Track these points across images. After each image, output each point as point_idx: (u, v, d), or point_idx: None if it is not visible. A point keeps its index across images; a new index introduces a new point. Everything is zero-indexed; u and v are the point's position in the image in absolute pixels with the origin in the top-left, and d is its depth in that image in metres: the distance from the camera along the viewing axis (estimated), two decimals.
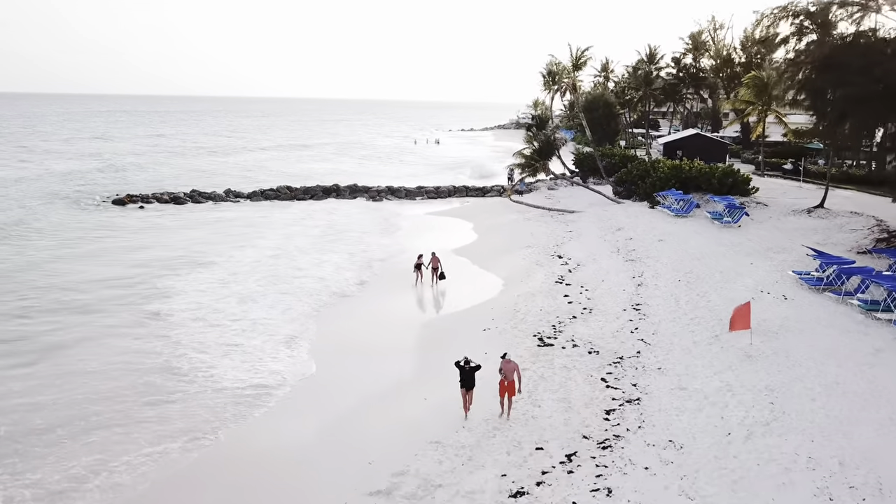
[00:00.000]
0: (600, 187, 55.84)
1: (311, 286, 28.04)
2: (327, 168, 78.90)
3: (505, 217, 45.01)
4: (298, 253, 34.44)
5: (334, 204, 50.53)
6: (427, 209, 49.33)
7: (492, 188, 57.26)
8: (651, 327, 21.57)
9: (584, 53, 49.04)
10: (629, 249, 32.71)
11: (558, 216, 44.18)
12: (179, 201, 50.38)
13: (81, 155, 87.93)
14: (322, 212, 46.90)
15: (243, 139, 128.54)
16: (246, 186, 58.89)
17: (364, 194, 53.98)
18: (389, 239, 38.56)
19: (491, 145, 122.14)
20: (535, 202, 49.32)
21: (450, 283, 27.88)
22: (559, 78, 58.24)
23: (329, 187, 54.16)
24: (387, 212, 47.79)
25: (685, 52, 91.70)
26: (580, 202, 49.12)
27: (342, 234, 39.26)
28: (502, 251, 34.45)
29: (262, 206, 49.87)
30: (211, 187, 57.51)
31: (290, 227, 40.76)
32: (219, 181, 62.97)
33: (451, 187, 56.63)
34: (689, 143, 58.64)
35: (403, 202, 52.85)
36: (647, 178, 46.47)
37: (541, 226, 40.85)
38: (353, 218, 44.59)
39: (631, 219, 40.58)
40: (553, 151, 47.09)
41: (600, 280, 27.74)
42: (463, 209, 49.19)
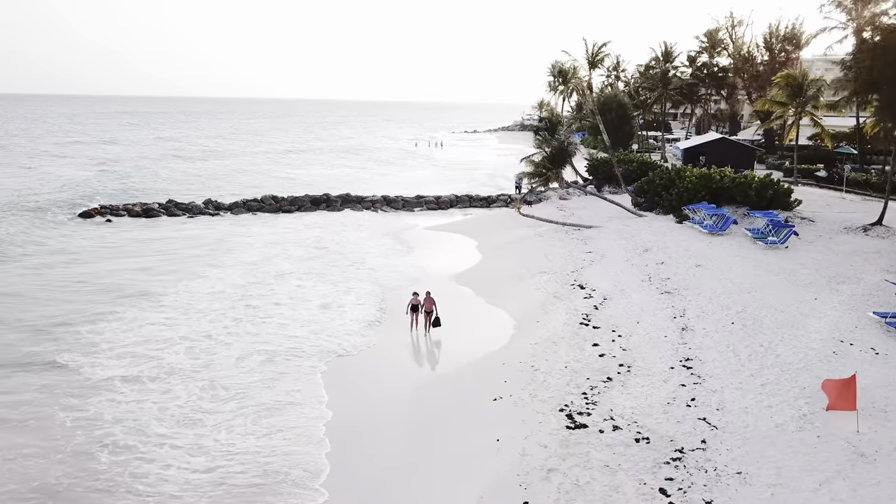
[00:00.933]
0: (617, 197, 50.85)
1: (286, 333, 22.95)
2: (324, 174, 74.00)
3: (513, 233, 40.02)
4: (274, 280, 29.42)
5: (324, 217, 45.49)
6: (426, 222, 44.35)
7: (498, 198, 52.27)
8: (712, 397, 16.58)
9: (601, 50, 44.14)
10: (662, 278, 27.70)
11: (574, 232, 39.18)
12: (152, 214, 45.48)
13: (76, 158, 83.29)
14: (309, 226, 41.84)
15: (241, 141, 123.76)
16: (233, 194, 54.23)
17: (357, 205, 49.01)
18: (388, 260, 33.57)
19: (495, 148, 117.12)
20: (546, 215, 44.30)
21: (450, 323, 22.87)
22: (570, 77, 53.25)
23: (319, 197, 49.19)
24: (380, 226, 42.82)
25: (700, 51, 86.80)
26: (597, 215, 44.13)
27: (329, 257, 34.22)
28: (512, 278, 29.44)
29: (243, 219, 44.89)
30: (197, 194, 53.00)
31: (268, 248, 35.67)
32: (205, 188, 58.25)
33: (452, 197, 51.67)
34: (713, 149, 53.65)
35: (401, 214, 47.87)
36: (673, 189, 41.51)
37: (555, 244, 35.85)
38: (341, 235, 39.50)
39: (658, 237, 35.60)
40: (567, 158, 42.18)
41: (634, 321, 22.75)
42: (466, 223, 44.21)
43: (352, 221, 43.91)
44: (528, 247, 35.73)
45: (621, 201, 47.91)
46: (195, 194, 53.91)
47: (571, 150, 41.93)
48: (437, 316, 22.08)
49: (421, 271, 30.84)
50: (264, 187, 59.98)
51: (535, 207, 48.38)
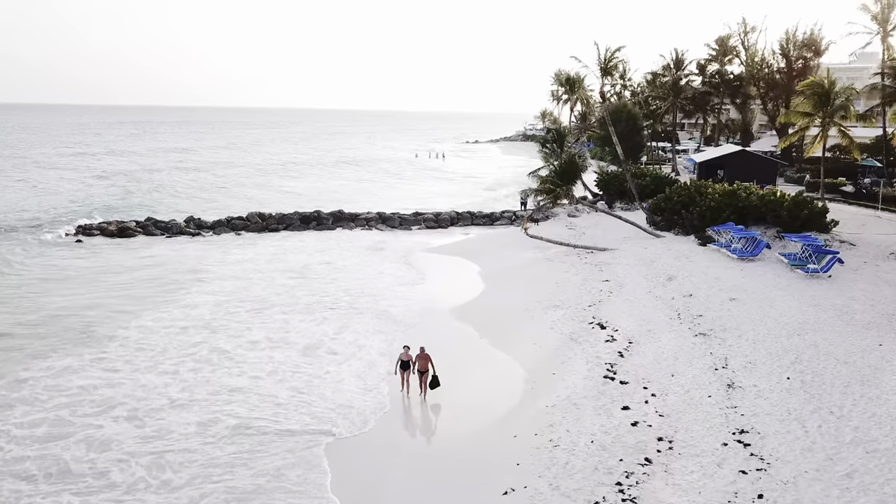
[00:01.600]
0: (630, 214, 47.29)
1: (260, 391, 19.27)
2: (319, 188, 70.55)
3: (520, 256, 36.40)
4: (250, 315, 25.78)
5: (313, 237, 41.89)
6: (424, 242, 40.78)
7: (501, 214, 48.68)
8: (785, 493, 12.87)
9: (615, 56, 40.67)
10: (694, 314, 24.04)
11: (587, 256, 35.55)
12: (127, 233, 41.94)
13: (72, 170, 79.92)
14: (296, 248, 38.19)
15: (240, 151, 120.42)
16: (221, 209, 50.84)
17: (350, 223, 45.43)
18: (381, 291, 29.89)
19: (498, 159, 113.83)
20: (555, 235, 40.67)
21: (450, 374, 19.22)
22: (579, 85, 49.78)
23: (309, 215, 45.61)
24: (374, 247, 39.21)
25: (711, 58, 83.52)
26: (610, 235, 40.54)
27: (316, 285, 30.59)
28: (520, 313, 25.79)
29: (225, 240, 41.30)
30: (184, 210, 49.68)
31: (248, 274, 32.04)
32: (195, 203, 54.85)
33: (453, 214, 48.08)
34: (732, 162, 50.11)
35: (397, 233, 44.29)
36: (694, 207, 37.94)
37: (567, 270, 32.21)
38: (331, 258, 35.80)
39: (681, 262, 31.96)
40: (577, 173, 38.68)
41: (668, 373, 19.09)
42: (467, 244, 40.61)
43: (343, 242, 40.28)
44: (537, 273, 32.08)
45: (635, 219, 44.35)
46: (183, 210, 50.60)
47: (582, 165, 38.43)
48: (435, 375, 18.35)
49: (413, 305, 27.20)
50: (255, 201, 56.59)
51: (543, 226, 44.80)
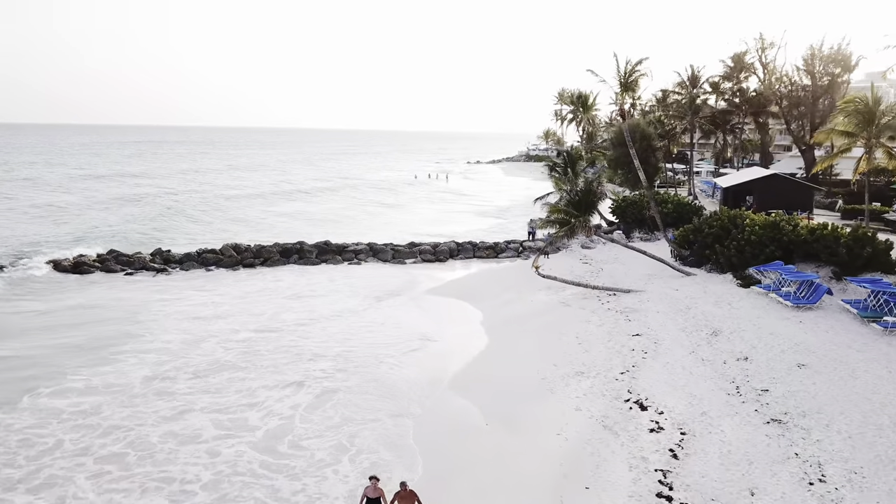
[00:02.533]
0: (650, 245, 42.27)
1: None
2: (310, 213, 65.62)
3: (530, 299, 31.26)
4: (190, 389, 20.54)
5: (293, 274, 36.76)
6: (419, 280, 35.65)
7: (507, 246, 43.59)
8: None
9: (636, 69, 35.86)
10: (756, 388, 18.88)
11: (609, 298, 30.41)
12: (83, 269, 36.94)
13: (62, 194, 75.17)
14: (269, 290, 32.91)
15: (235, 172, 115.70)
16: (196, 241, 45.94)
17: (337, 257, 40.32)
18: (362, 349, 24.67)
19: (501, 182, 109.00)
20: (569, 272, 35.59)
21: (441, 488, 14.05)
22: (592, 103, 45.02)
23: (291, 247, 40.53)
24: (360, 287, 34.11)
25: (725, 76, 79.11)
26: (632, 272, 35.49)
27: (283, 341, 25.42)
28: (535, 383, 20.58)
29: (192, 276, 36.18)
30: (155, 242, 44.95)
31: (204, 324, 26.83)
32: (173, 233, 49.89)
33: (452, 245, 43.02)
34: (763, 187, 45.12)
35: (389, 268, 39.20)
36: (730, 241, 32.91)
37: (588, 319, 27.04)
38: (308, 303, 30.56)
39: (723, 309, 26.84)
40: (595, 202, 33.72)
41: (746, 489, 13.88)
42: (469, 282, 35.55)
43: (326, 281, 35.13)
44: (553, 323, 26.89)
45: (657, 251, 39.32)
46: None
47: (600, 193, 33.43)
48: None
49: (400, 375, 21.92)
50: (244, 224, 51.82)
51: (554, 258, 39.71)
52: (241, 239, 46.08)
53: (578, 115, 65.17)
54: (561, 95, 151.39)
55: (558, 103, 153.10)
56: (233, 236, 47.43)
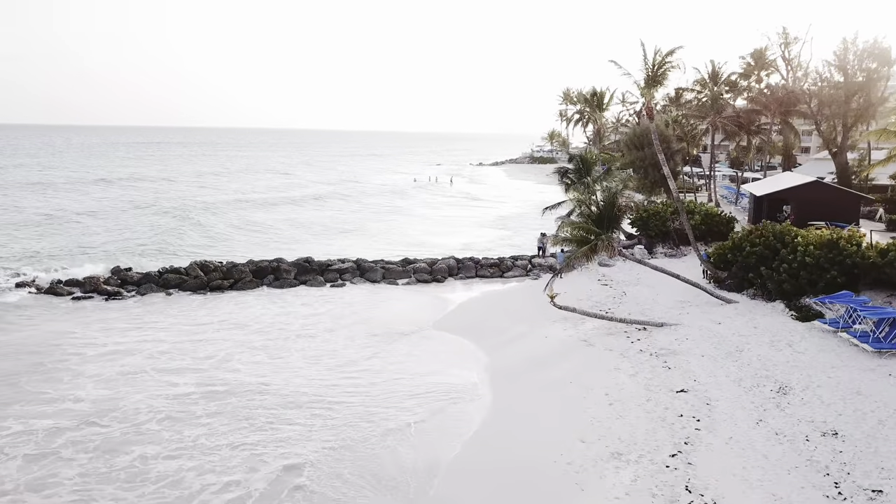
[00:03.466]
0: (676, 263, 37.32)
1: None
2: (299, 221, 60.53)
3: (542, 333, 26.10)
4: (91, 462, 15.49)
5: (263, 301, 31.53)
6: (411, 309, 30.50)
7: (514, 263, 38.42)
8: None
9: (667, 60, 30.69)
10: (861, 486, 13.75)
11: (638, 333, 25.28)
12: (57, 291, 32.12)
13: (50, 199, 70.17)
14: (226, 326, 27.04)
15: (227, 176, 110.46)
16: (166, 254, 41.15)
17: (318, 277, 35.17)
18: (336, 408, 19.53)
19: (504, 185, 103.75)
20: (588, 297, 30.48)
21: None
22: (608, 101, 39.82)
23: (266, 266, 35.37)
24: (340, 317, 28.96)
25: (744, 73, 73.87)
26: (661, 296, 30.40)
27: (236, 399, 20.30)
28: (559, 469, 15.37)
29: (145, 303, 30.93)
30: (167, 250, 40.34)
31: (106, 390, 21.58)
32: (143, 245, 44.79)
33: (451, 262, 37.88)
34: (803, 195, 39.88)
35: (378, 290, 34.06)
36: (779, 263, 27.80)
37: (618, 366, 21.84)
38: (274, 342, 25.21)
39: (783, 352, 21.73)
40: (619, 218, 28.58)
41: None
42: (470, 310, 30.41)
43: (301, 308, 29.87)
44: (574, 372, 21.71)
45: (686, 270, 34.29)
46: (158, 254, 41.36)
47: (624, 206, 28.23)
48: None
49: (382, 462, 16.81)
50: (238, 242, 46.71)
51: (569, 279, 34.54)
52: (245, 252, 41.24)
53: (587, 114, 60.39)
54: (566, 95, 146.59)
55: (563, 103, 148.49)
56: (230, 250, 42.35)
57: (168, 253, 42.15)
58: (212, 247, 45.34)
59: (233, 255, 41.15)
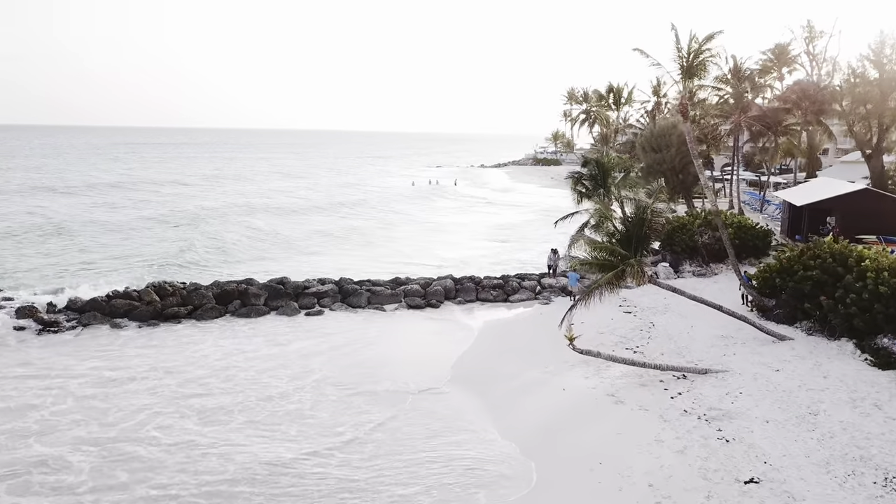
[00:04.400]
0: (705, 283, 32.55)
1: None
2: (284, 232, 55.64)
3: (559, 383, 21.13)
4: None
5: (225, 335, 26.42)
6: (398, 348, 25.52)
7: (520, 284, 33.38)
8: None
9: (705, 48, 25.64)
10: None
11: (677, 385, 20.35)
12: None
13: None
14: (156, 371, 21.61)
15: (221, 180, 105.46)
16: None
17: (292, 303, 30.13)
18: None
19: (508, 189, 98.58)
20: (611, 334, 25.57)
21: None
22: (629, 96, 34.87)
23: (232, 290, 30.32)
24: (311, 360, 24.00)
25: (764, 69, 69.18)
26: (698, 329, 25.51)
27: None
28: None
29: (78, 340, 25.71)
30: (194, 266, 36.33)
31: None
32: (105, 258, 39.88)
33: (448, 283, 32.89)
34: (849, 206, 34.96)
35: (362, 319, 29.07)
36: (844, 292, 22.88)
37: (658, 437, 16.87)
38: (206, 401, 19.98)
39: (870, 418, 16.92)
40: (650, 238, 23.64)
41: None
42: (470, 350, 25.37)
43: (263, 347, 24.58)
44: (601, 445, 16.73)
45: (720, 293, 29.55)
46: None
47: (656, 223, 23.28)
48: None
49: None
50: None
51: (588, 323, 29.52)
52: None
53: (594, 114, 55.66)
54: (570, 95, 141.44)
55: (568, 103, 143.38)
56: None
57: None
58: (198, 261, 40.37)
59: (217, 270, 36.46)
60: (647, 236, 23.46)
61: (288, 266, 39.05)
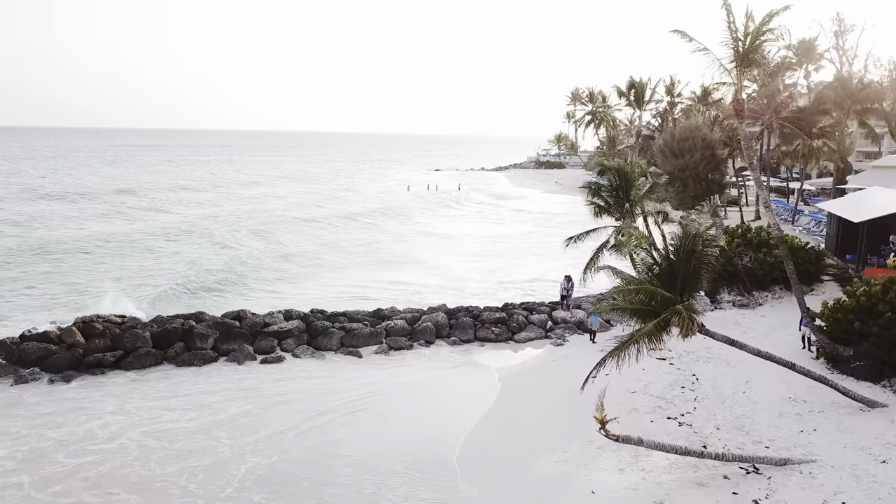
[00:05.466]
0: (749, 315, 27.15)
1: None
2: (254, 251, 50.11)
3: (584, 477, 15.46)
4: None
5: (127, 399, 20.49)
6: (378, 413, 19.91)
7: (527, 318, 27.67)
8: None
9: (766, 27, 19.97)
10: None
11: (749, 481, 14.75)
12: None
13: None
14: (6, 469, 16.52)
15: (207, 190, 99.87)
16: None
17: (245, 347, 24.43)
18: None
19: (508, 194, 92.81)
20: (643, 392, 20.00)
21: None
22: (651, 93, 29.56)
23: (177, 328, 24.64)
24: (243, 460, 18.42)
25: (788, 66, 63.64)
26: (755, 390, 20.02)
27: None
28: None
29: None
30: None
31: None
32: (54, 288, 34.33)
33: (440, 315, 27.23)
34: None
35: (329, 368, 23.38)
36: None
37: None
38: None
39: None
40: (700, 273, 17.99)
41: None
42: (463, 417, 19.68)
43: (186, 420, 18.56)
44: None
45: (768, 333, 24.15)
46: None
47: (709, 255, 17.67)
48: None
49: None
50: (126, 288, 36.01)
51: (608, 348, 23.98)
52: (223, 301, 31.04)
53: (599, 114, 50.20)
54: (574, 95, 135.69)
55: (572, 104, 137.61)
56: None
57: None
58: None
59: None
60: (698, 272, 17.82)
61: (261, 290, 33.68)
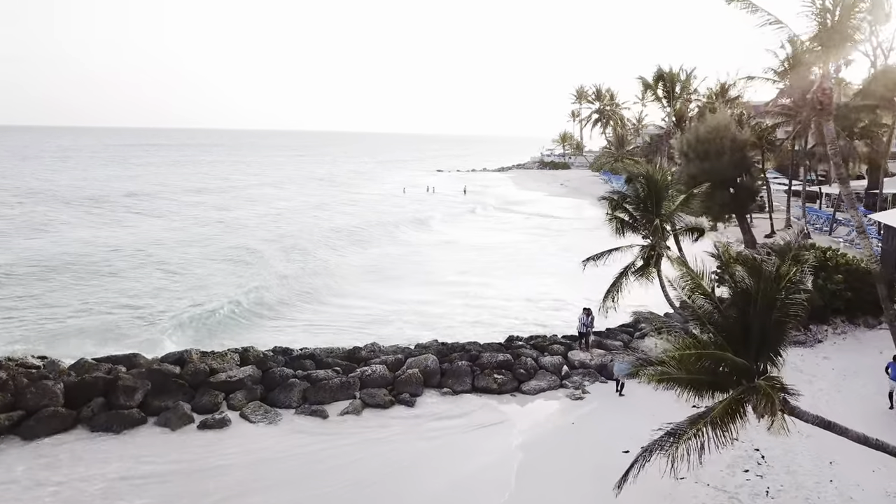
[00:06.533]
0: (811, 359, 22.29)
1: None
2: (228, 273, 45.14)
3: None
4: None
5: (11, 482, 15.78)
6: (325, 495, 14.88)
7: (538, 361, 22.63)
8: None
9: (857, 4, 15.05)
10: None
11: None
12: None
13: None
14: None
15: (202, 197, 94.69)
16: None
17: (182, 405, 19.38)
18: None
19: (513, 197, 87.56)
20: (697, 491, 14.94)
21: None
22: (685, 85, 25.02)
23: (96, 379, 19.61)
24: None
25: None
26: (843, 477, 15.45)
27: None
28: None
29: None
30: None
31: None
32: None
33: (430, 360, 22.13)
34: None
35: (282, 437, 18.30)
36: None
37: None
38: None
39: None
40: (785, 329, 13.19)
41: None
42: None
43: None
44: None
45: (841, 385, 19.38)
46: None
47: (795, 304, 12.73)
48: None
49: None
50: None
51: (635, 405, 18.94)
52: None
53: (608, 113, 45.44)
54: (580, 93, 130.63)
55: (576, 102, 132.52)
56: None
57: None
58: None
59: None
60: (781, 328, 12.80)
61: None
